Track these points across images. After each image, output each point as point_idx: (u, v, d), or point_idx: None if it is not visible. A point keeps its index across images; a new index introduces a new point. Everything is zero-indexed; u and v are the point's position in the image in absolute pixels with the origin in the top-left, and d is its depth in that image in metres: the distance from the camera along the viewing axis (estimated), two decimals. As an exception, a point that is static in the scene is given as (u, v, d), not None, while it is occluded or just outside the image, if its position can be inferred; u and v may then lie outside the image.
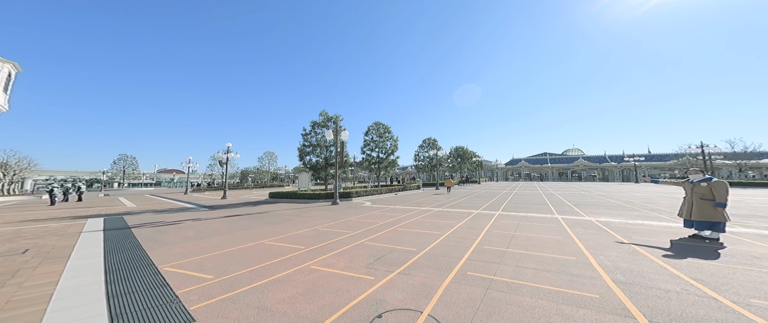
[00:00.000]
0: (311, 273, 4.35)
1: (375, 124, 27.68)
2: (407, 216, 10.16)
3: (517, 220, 8.88)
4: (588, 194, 20.40)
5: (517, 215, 10.04)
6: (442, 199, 17.63)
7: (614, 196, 18.13)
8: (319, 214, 11.24)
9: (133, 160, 64.66)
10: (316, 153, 22.48)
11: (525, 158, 76.89)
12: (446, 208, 12.66)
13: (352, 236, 6.92)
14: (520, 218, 9.31)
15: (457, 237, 6.64)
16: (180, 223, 9.45)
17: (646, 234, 6.54)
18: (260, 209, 13.71)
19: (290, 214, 11.41)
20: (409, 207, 13.48)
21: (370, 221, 9.21)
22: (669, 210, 10.90)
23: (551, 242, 5.93)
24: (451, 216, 10.03)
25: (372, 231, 7.43)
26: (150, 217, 11.43)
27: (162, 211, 13.81)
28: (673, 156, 46.71)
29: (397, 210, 12.03)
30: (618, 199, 15.99)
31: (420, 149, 42.36)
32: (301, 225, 8.74)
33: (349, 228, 8.06)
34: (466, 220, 9.10)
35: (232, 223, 9.28)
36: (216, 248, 5.92)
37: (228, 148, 23.84)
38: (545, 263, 4.56)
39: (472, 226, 7.99)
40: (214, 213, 12.67)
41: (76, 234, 7.66)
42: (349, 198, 17.81)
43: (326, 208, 13.41)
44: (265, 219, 10.03)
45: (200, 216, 11.59)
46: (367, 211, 11.92)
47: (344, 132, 16.46)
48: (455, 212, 11.31)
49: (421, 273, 4.24)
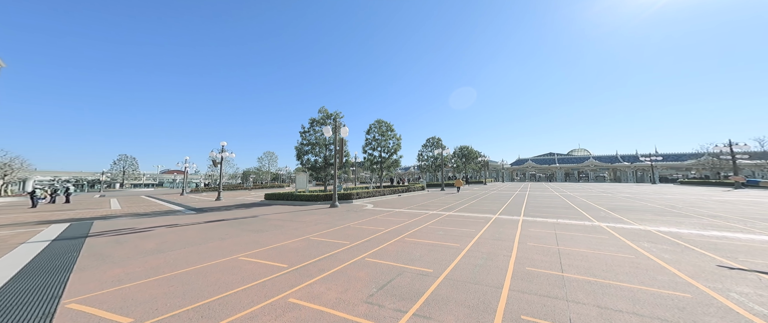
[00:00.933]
0: (287, 312, 2.95)
1: (377, 121, 26.27)
2: (415, 222, 8.74)
3: (551, 229, 7.42)
4: (612, 196, 18.84)
5: (546, 222, 8.57)
6: (450, 201, 16.18)
7: (645, 198, 16.57)
8: (314, 219, 9.86)
9: (133, 160, 63.72)
10: (315, 152, 21.12)
11: (531, 158, 74.97)
12: (458, 212, 11.22)
13: (349, 249, 5.52)
14: (552, 226, 7.84)
15: (482, 251, 5.20)
16: (149, 231, 8.10)
17: (752, 254, 4.96)
18: (251, 212, 12.35)
19: (282, 219, 10.04)
20: (415, 210, 12.06)
21: (373, 228, 7.81)
22: (731, 215, 9.36)
23: (624, 263, 4.43)
24: (466, 222, 8.59)
25: (374, 242, 6.02)
26: (123, 223, 10.11)
27: (142, 215, 12.50)
28: (691, 155, 44.61)
29: (402, 215, 10.62)
30: (654, 202, 14.45)
31: (423, 148, 40.95)
32: (291, 232, 7.35)
33: (347, 237, 6.66)
34: (486, 227, 7.66)
35: (210, 231, 7.91)
36: (170, 267, 4.54)
37: (222, 147, 22.55)
38: (647, 303, 3.05)
39: (496, 236, 6.54)
40: (197, 217, 11.32)
41: (13, 246, 6.33)
42: (349, 200, 16.42)
43: (323, 212, 12.02)
44: (251, 226, 8.66)
45: (179, 221, 10.25)
46: (368, 216, 10.52)
47: (344, 128, 15.09)
48: (470, 217, 9.86)
49: (448, 315, 2.82)
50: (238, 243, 6.24)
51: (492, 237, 6.38)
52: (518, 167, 72.95)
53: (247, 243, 6.16)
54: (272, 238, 6.67)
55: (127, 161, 62.60)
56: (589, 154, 73.42)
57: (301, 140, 21.12)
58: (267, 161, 62.27)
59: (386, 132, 25.89)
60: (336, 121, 16.11)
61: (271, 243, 6.20)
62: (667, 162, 52.19)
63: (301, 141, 21.17)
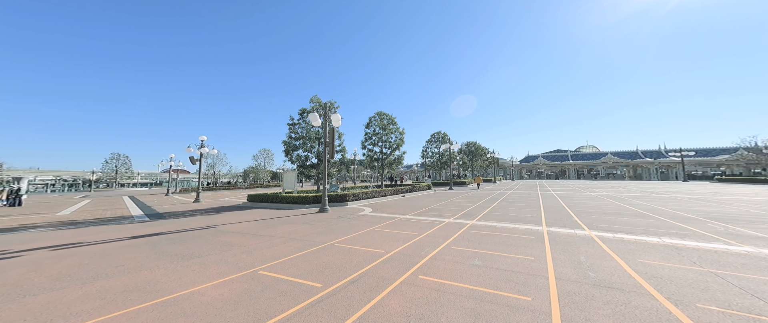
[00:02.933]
0: None
1: (378, 114, 23.43)
2: (430, 239, 5.92)
3: (681, 258, 4.58)
4: (663, 197, 15.91)
5: (650, 242, 5.72)
6: (465, 204, 13.33)
7: (717, 201, 13.66)
8: (289, 232, 7.08)
9: (126, 159, 61.27)
10: (306, 147, 18.33)
11: (542, 155, 71.42)
12: (483, 221, 8.38)
13: (316, 307, 2.71)
14: (673, 253, 4.99)
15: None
16: (14, 258, 5.36)
17: None
18: (214, 220, 9.60)
19: (244, 231, 7.26)
20: (425, 216, 9.23)
21: (366, 250, 5.01)
22: None
23: None
24: (507, 241, 5.76)
25: (366, 287, 3.22)
26: (21, 238, 7.39)
27: (72, 225, 9.81)
28: (722, 151, 41.02)
29: (409, 224, 7.79)
30: (738, 205, 11.58)
31: (428, 144, 37.99)
32: (237, 260, 4.57)
33: (323, 272, 3.87)
34: (548, 253, 4.83)
35: (104, 259, 5.13)
36: None
37: (202, 142, 19.84)
38: None
39: (589, 277, 3.71)
40: (132, 229, 8.58)
41: None
42: (343, 202, 13.64)
43: (306, 220, 9.23)
44: (185, 246, 5.89)
45: (92, 237, 7.51)
46: (364, 226, 7.71)
47: (335, 115, 12.27)
48: (506, 230, 7.02)
49: None
50: (112, 290, 3.46)
51: (583, 280, 3.54)
52: (528, 164, 69.63)
53: (129, 291, 3.38)
54: (191, 275, 3.89)
55: (120, 160, 60.22)
56: (598, 150, 69.98)
57: (290, 133, 18.33)
58: (263, 159, 59.59)
59: (388, 125, 23.02)
60: (326, 108, 13.30)
61: (177, 288, 3.42)
62: (696, 158, 47.88)
63: (289, 134, 18.39)
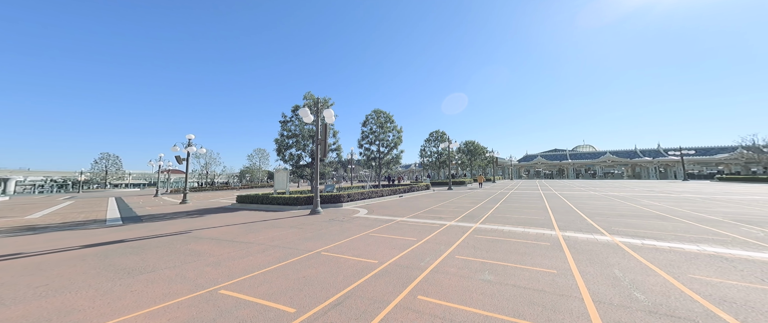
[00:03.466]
0: None
1: (374, 112, 22.69)
2: (429, 246, 5.17)
3: (729, 268, 3.87)
4: (672, 196, 15.32)
5: (690, 251, 5.01)
6: (466, 204, 12.61)
7: (732, 201, 13.06)
8: (272, 237, 6.30)
9: (116, 158, 59.86)
10: (300, 145, 17.51)
11: (540, 154, 70.99)
12: (489, 224, 7.64)
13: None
14: (720, 260, 4.28)
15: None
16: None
17: None
18: (193, 224, 8.79)
19: (221, 237, 6.47)
20: (424, 219, 8.49)
21: (357, 260, 4.24)
22: None
23: None
24: (519, 249, 5.03)
25: (353, 316, 2.46)
26: (-24, 245, 6.54)
27: (28, 231, 8.94)
28: (721, 149, 40.77)
29: (406, 228, 7.04)
30: (757, 206, 10.97)
31: (426, 143, 37.32)
32: (195, 277, 3.79)
33: (301, 290, 3.11)
34: (573, 265, 4.10)
35: (26, 277, 4.31)
36: None
37: (189, 141, 18.92)
38: None
39: (650, 306, 2.98)
40: (94, 235, 7.73)
41: None
42: (337, 203, 12.87)
43: (295, 223, 8.45)
44: (142, 257, 5.09)
45: (41, 246, 6.68)
46: (357, 230, 6.94)
47: (328, 111, 11.49)
48: (516, 235, 6.29)
49: None
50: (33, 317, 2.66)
51: (632, 305, 2.80)
52: (526, 164, 69.20)
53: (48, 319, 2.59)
54: (127, 298, 3.10)
55: (110, 160, 58.84)
56: (595, 150, 69.80)
57: (282, 131, 17.50)
58: (258, 159, 58.51)
59: (385, 123, 22.28)
60: (319, 103, 12.50)
61: (95, 319, 2.63)
62: (694, 157, 47.62)
63: (282, 132, 17.55)
